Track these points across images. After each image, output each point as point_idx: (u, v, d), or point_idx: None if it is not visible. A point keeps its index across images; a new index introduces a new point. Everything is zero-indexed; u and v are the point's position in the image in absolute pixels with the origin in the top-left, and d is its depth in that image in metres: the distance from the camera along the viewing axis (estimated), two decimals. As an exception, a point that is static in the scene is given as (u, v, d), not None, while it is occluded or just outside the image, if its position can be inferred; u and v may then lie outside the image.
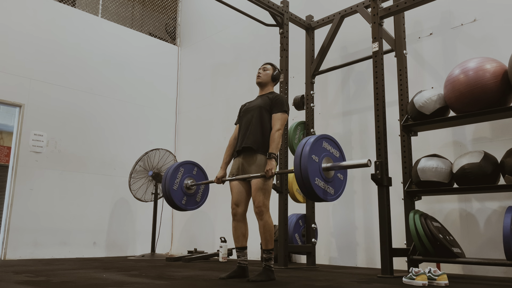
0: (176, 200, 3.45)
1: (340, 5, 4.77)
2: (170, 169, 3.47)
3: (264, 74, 3.31)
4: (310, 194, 2.59)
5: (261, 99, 3.23)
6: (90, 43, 6.36)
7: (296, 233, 4.51)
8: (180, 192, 3.49)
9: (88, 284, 2.73)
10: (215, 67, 6.85)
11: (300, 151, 2.60)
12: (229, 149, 3.32)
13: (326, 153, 2.70)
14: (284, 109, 3.13)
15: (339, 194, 2.75)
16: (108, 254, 6.06)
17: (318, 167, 2.62)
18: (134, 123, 6.69)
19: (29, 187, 5.45)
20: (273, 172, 2.92)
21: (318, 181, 2.59)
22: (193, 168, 3.63)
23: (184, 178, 3.52)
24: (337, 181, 2.75)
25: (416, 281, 2.78)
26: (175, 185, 3.47)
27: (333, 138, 2.80)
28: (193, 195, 3.59)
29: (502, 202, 3.59)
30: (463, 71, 3.28)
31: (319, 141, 2.67)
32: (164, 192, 3.44)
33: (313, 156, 2.59)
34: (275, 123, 3.09)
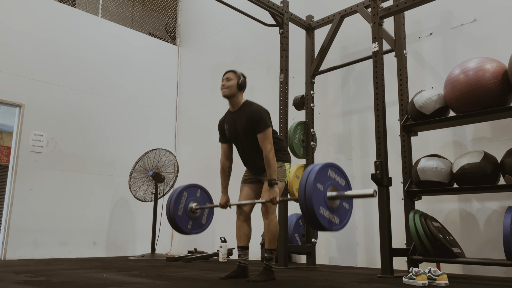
0: (182, 226, 3.41)
1: (340, 5, 4.77)
2: (174, 195, 3.41)
3: (229, 85, 3.05)
4: (314, 224, 2.53)
5: (240, 120, 3.05)
6: (90, 43, 6.36)
7: (296, 233, 4.51)
8: (185, 217, 3.45)
9: (88, 284, 2.73)
10: (215, 67, 6.84)
11: (305, 179, 2.52)
12: (223, 172, 3.24)
13: (332, 182, 2.63)
14: (267, 124, 2.96)
15: (344, 224, 2.67)
16: (108, 254, 6.06)
17: (323, 196, 2.54)
18: (134, 123, 6.69)
19: (29, 187, 5.45)
20: (277, 200, 2.89)
21: (323, 210, 2.52)
22: (197, 190, 3.56)
23: (188, 202, 3.46)
24: (342, 211, 2.67)
25: (416, 281, 2.78)
26: (180, 210, 3.41)
27: (339, 167, 2.72)
28: (198, 218, 3.54)
29: (502, 202, 3.59)
30: (463, 71, 3.28)
31: (324, 170, 2.60)
32: (169, 218, 3.39)
33: (317, 184, 2.52)
34: (263, 145, 2.94)
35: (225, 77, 3.10)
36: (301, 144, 4.65)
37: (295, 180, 4.49)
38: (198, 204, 3.52)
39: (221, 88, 3.09)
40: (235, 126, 3.09)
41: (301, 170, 4.61)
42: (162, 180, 5.78)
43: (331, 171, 2.66)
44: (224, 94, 3.07)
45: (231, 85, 3.06)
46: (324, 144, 5.04)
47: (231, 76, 3.09)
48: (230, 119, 3.14)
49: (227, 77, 3.09)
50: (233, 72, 3.11)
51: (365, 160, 4.67)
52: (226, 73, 3.13)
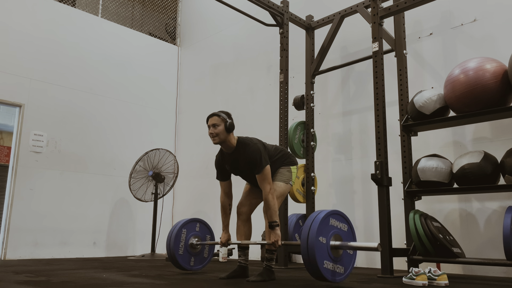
0: (184, 264, 3.42)
1: (340, 5, 4.77)
2: (173, 233, 3.39)
3: (217, 131, 2.95)
4: (318, 277, 2.49)
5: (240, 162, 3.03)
6: (90, 43, 6.36)
7: (296, 233, 4.51)
8: (187, 254, 3.45)
9: (88, 284, 2.73)
10: (215, 67, 6.85)
11: (307, 233, 2.48)
12: (223, 210, 3.20)
13: (334, 231, 2.59)
14: (263, 165, 2.92)
15: (349, 272, 2.65)
16: (108, 254, 6.06)
17: (326, 249, 2.51)
18: (134, 123, 6.69)
19: (29, 187, 5.45)
20: (279, 244, 2.87)
21: (327, 264, 2.49)
22: (195, 225, 3.55)
23: (188, 238, 3.46)
24: (346, 258, 2.64)
25: (416, 281, 2.78)
26: (180, 249, 3.41)
27: (341, 213, 2.68)
28: (200, 253, 3.55)
29: (502, 202, 3.59)
30: (463, 71, 3.28)
31: (326, 220, 2.56)
32: (170, 258, 3.39)
33: (320, 238, 2.48)
34: (262, 185, 2.92)
35: (211, 123, 2.98)
36: (301, 144, 4.65)
37: (295, 180, 4.48)
38: (199, 239, 3.50)
39: (210, 137, 2.99)
40: (238, 166, 3.07)
41: (301, 170, 4.61)
42: (162, 180, 5.78)
43: (333, 219, 2.62)
44: (216, 142, 2.98)
45: (219, 132, 2.95)
46: (324, 144, 5.05)
47: (217, 121, 2.97)
48: (230, 160, 3.09)
49: (213, 123, 2.97)
50: (217, 116, 2.98)
51: (365, 160, 4.67)
52: (210, 118, 3.00)
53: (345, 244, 2.56)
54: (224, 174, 3.17)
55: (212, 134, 2.97)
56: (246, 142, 3.01)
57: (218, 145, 3.03)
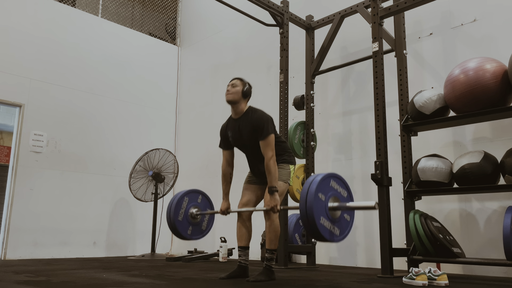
0: (182, 231, 3.40)
1: (340, 5, 4.77)
2: (175, 200, 3.41)
3: (234, 91, 3.07)
4: (315, 234, 2.51)
5: (244, 128, 3.05)
6: (90, 43, 6.36)
7: (296, 233, 4.52)
8: (186, 222, 3.43)
9: (88, 284, 2.73)
10: (215, 67, 6.85)
11: (307, 189, 2.50)
12: (224, 179, 3.23)
13: (333, 193, 2.61)
14: (269, 132, 2.95)
15: (345, 235, 2.65)
16: (108, 254, 6.06)
17: (325, 206, 2.52)
18: (134, 123, 6.69)
19: (29, 187, 5.45)
20: (278, 208, 2.89)
21: (323, 220, 2.50)
22: (198, 196, 3.56)
23: (189, 207, 3.46)
24: (343, 222, 2.65)
25: (416, 281, 2.78)
26: (180, 215, 3.41)
27: (342, 178, 2.70)
28: (198, 224, 3.54)
29: (502, 202, 3.59)
30: (463, 71, 3.28)
31: (327, 180, 2.58)
32: (169, 223, 3.38)
33: (319, 194, 2.50)
34: (265, 151, 2.94)
35: (231, 83, 3.13)
36: (301, 144, 4.65)
37: (295, 180, 4.49)
38: (199, 209, 3.51)
39: (226, 93, 3.10)
40: (240, 133, 3.09)
41: (301, 170, 4.61)
42: (162, 180, 5.78)
43: (334, 182, 2.63)
44: (228, 99, 3.08)
45: (236, 91, 3.07)
46: (324, 144, 5.04)
47: (237, 83, 3.12)
48: (233, 126, 3.13)
49: (233, 83, 3.12)
50: (239, 80, 3.14)
51: (365, 160, 4.67)
52: (232, 80, 3.16)
53: (343, 205, 2.59)
54: (227, 142, 3.22)
55: (228, 91, 3.09)
56: (256, 109, 3.12)
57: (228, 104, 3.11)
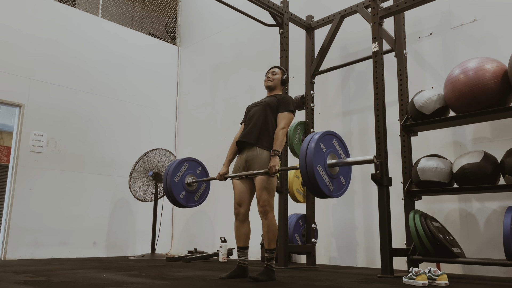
0: (175, 193, 3.44)
1: (340, 5, 4.77)
2: (175, 162, 3.48)
3: (274, 78, 3.33)
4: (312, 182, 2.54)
5: (269, 98, 3.26)
6: (90, 43, 6.36)
7: (296, 233, 4.52)
8: (180, 186, 3.49)
9: (88, 284, 2.73)
10: (215, 67, 6.85)
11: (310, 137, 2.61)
12: (232, 147, 3.30)
13: (333, 150, 2.70)
14: (290, 109, 3.14)
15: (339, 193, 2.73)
16: (108, 254, 6.06)
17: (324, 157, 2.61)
18: (134, 123, 6.69)
19: (29, 187, 5.45)
20: (276, 168, 2.92)
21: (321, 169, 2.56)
22: (198, 167, 3.64)
23: (186, 173, 3.53)
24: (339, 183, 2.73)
25: (416, 281, 2.78)
26: (177, 177, 3.47)
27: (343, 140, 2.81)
28: (192, 192, 3.59)
29: (502, 202, 3.60)
30: (463, 71, 3.28)
31: (330, 136, 2.70)
32: (165, 183, 3.43)
33: (321, 144, 2.60)
34: (280, 121, 3.10)
35: (272, 70, 3.37)
36: (301, 144, 4.65)
37: (295, 180, 4.49)
38: (195, 178, 3.56)
39: (267, 79, 3.34)
40: (259, 106, 3.24)
41: (301, 170, 4.61)
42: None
43: (336, 142, 2.74)
44: (267, 84, 3.33)
45: (275, 79, 3.34)
46: (324, 144, 5.04)
47: (277, 71, 3.37)
48: (259, 101, 3.34)
49: (274, 71, 3.36)
50: (279, 68, 3.38)
51: (365, 160, 4.66)
52: (273, 68, 3.39)
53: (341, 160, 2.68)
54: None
55: (268, 78, 3.34)
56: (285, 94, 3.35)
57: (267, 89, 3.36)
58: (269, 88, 3.34)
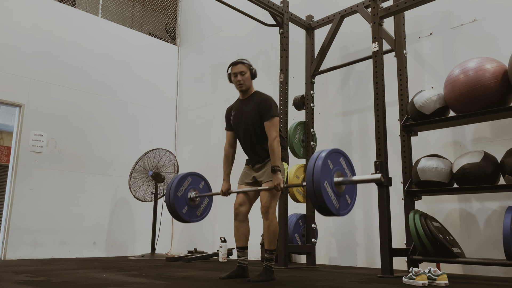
0: (178, 208, 3.40)
1: (340, 5, 4.77)
2: (178, 177, 3.43)
3: (245, 78, 3.10)
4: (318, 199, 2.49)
5: (248, 107, 3.08)
6: (90, 43, 6.36)
7: (296, 233, 4.52)
8: (183, 201, 3.44)
9: (88, 284, 2.73)
10: (215, 67, 6.85)
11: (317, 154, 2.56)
12: (226, 159, 3.25)
13: (340, 168, 2.65)
14: (273, 114, 2.98)
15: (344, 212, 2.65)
16: (108, 254, 6.06)
17: (331, 174, 2.55)
18: (134, 123, 6.69)
19: (29, 187, 5.45)
20: (281, 186, 2.89)
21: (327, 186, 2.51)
22: (201, 181, 3.58)
23: (189, 188, 3.47)
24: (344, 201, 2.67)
25: (416, 281, 2.78)
26: (180, 191, 3.42)
27: (349, 159, 2.76)
28: (195, 207, 3.54)
29: (502, 202, 3.60)
30: (463, 71, 3.28)
31: (336, 154, 2.65)
32: (167, 198, 3.39)
33: (328, 161, 2.55)
34: (269, 132, 2.97)
35: (238, 71, 3.10)
36: (301, 144, 4.65)
37: (295, 180, 4.49)
38: (198, 193, 3.54)
39: (237, 83, 3.10)
40: (242, 113, 3.12)
41: (301, 170, 4.61)
42: (162, 180, 5.79)
43: (343, 160, 2.70)
44: (242, 89, 3.12)
45: (246, 78, 3.10)
46: (324, 144, 5.04)
47: (243, 68, 3.10)
48: (238, 106, 3.17)
49: (241, 71, 3.10)
50: (242, 64, 3.12)
51: (365, 160, 4.67)
52: (236, 66, 3.12)
53: (348, 178, 2.63)
54: (231, 123, 3.23)
55: (239, 82, 3.08)
56: (262, 93, 3.14)
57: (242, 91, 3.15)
58: (243, 92, 3.14)
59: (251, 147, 3.12)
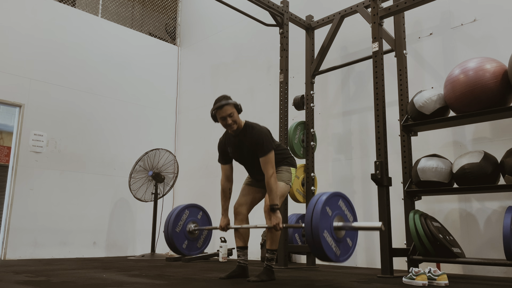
0: (177, 244, 3.37)
1: (340, 5, 4.77)
2: (175, 211, 3.40)
3: (234, 119, 2.94)
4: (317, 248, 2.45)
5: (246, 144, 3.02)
6: (90, 43, 6.36)
7: (296, 233, 4.52)
8: (182, 235, 3.42)
9: (88, 284, 2.73)
10: (215, 67, 6.85)
11: (315, 201, 2.50)
12: (224, 194, 3.19)
13: (340, 212, 2.59)
14: (268, 149, 2.92)
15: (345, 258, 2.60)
16: (108, 254, 6.06)
17: (330, 222, 2.50)
18: (134, 123, 6.69)
19: (29, 187, 5.45)
20: (280, 226, 2.88)
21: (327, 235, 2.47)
22: (199, 212, 3.55)
23: (188, 221, 3.45)
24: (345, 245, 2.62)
25: (416, 281, 2.78)
26: (178, 227, 3.39)
27: (349, 200, 2.69)
28: (195, 240, 3.51)
29: (502, 202, 3.60)
30: (463, 71, 3.28)
31: (336, 198, 2.59)
32: (166, 234, 3.36)
33: (327, 208, 2.49)
34: (265, 169, 2.90)
35: (226, 114, 2.91)
36: (301, 144, 4.65)
37: (295, 180, 4.49)
38: (197, 225, 3.49)
39: (229, 127, 2.96)
40: (240, 149, 3.06)
41: (301, 170, 4.61)
42: (162, 180, 5.78)
43: (342, 202, 2.63)
44: (234, 130, 2.98)
45: (236, 119, 2.95)
46: (324, 144, 5.05)
47: (231, 110, 2.92)
48: (233, 142, 3.08)
49: (229, 113, 2.91)
50: (227, 105, 2.91)
51: (365, 160, 4.67)
52: (221, 109, 2.91)
53: (348, 225, 2.57)
54: (226, 157, 3.17)
55: (231, 125, 2.94)
56: (253, 125, 3.03)
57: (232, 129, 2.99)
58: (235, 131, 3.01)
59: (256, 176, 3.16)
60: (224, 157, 3.19)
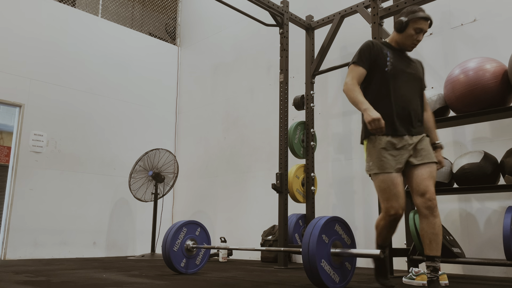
0: (175, 263, 3.36)
1: (340, 5, 4.77)
2: (173, 229, 3.38)
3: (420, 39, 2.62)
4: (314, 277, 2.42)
5: (411, 63, 2.61)
6: (90, 43, 6.36)
7: (296, 233, 4.51)
8: (180, 254, 3.40)
9: (88, 284, 2.73)
10: (215, 67, 6.85)
11: (311, 229, 2.47)
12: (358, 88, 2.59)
13: (337, 237, 2.56)
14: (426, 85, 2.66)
15: (343, 285, 2.58)
16: (108, 254, 6.06)
17: (327, 250, 2.48)
18: (135, 123, 6.69)
19: (29, 187, 5.45)
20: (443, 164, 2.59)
21: (324, 263, 2.44)
22: (197, 228, 3.52)
23: (186, 239, 3.43)
24: (344, 270, 2.60)
25: (416, 281, 2.78)
26: (176, 246, 3.37)
27: (346, 223, 2.66)
28: (193, 257, 3.50)
29: (502, 202, 3.59)
30: (463, 71, 3.28)
31: (332, 223, 2.56)
32: (164, 253, 3.35)
33: (323, 235, 2.46)
34: (427, 103, 2.66)
35: (426, 28, 2.60)
36: (301, 144, 4.65)
37: (295, 180, 4.49)
38: (195, 243, 3.46)
39: (413, 46, 2.59)
40: (407, 65, 2.59)
41: (301, 170, 4.61)
42: (162, 180, 5.79)
43: (338, 226, 2.61)
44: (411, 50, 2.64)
45: None
46: (324, 144, 5.05)
47: (427, 28, 2.63)
48: (396, 55, 2.59)
49: (426, 31, 2.61)
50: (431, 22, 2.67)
51: (365, 160, 4.66)
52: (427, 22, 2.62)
53: (346, 251, 2.53)
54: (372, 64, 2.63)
55: (418, 42, 2.59)
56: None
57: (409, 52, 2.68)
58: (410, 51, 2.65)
59: (411, 106, 2.50)
60: (370, 61, 2.64)
